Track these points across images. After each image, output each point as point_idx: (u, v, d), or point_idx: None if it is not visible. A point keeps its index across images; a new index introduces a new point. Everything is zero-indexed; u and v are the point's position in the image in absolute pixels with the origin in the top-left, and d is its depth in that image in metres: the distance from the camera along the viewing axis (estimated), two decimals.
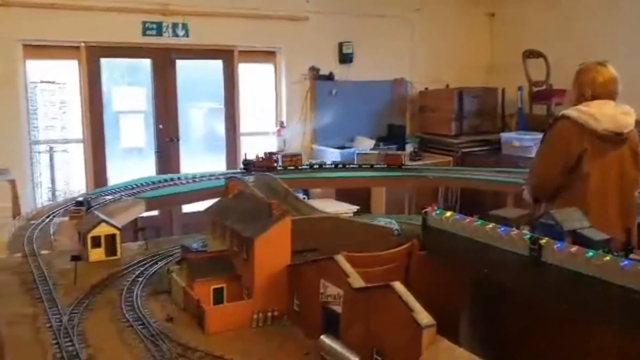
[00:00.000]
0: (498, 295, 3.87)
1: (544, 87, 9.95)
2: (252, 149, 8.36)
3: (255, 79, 10.26)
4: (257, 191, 3.89)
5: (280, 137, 9.90)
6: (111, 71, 9.18)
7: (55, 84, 8.48)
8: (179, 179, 7.23)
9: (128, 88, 9.68)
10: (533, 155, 8.94)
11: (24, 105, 8.26)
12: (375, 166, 7.52)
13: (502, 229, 4.13)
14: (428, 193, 7.65)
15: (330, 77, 9.93)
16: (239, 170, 7.20)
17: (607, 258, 3.28)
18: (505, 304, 3.82)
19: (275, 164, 7.15)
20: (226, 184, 3.46)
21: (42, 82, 8.37)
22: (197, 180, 7.16)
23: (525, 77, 10.15)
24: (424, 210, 4.89)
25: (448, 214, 4.67)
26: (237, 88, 9.74)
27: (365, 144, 9.58)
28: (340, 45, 10.09)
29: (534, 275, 3.66)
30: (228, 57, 9.63)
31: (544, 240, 3.72)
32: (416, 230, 4.20)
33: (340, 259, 2.61)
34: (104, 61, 8.85)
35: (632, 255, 2.95)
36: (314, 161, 7.68)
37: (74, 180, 9.08)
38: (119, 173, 8.85)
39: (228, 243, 3.25)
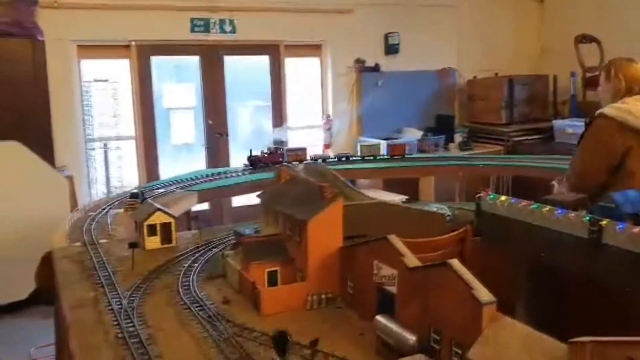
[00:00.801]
0: (555, 280, 3.77)
1: (597, 73, 9.61)
2: (299, 143, 8.43)
3: (301, 73, 10.28)
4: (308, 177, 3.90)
5: (326, 131, 9.90)
6: (161, 69, 9.36)
7: (107, 82, 8.70)
8: (228, 172, 7.38)
9: (177, 85, 9.86)
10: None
11: (78, 104, 8.52)
12: (422, 156, 7.47)
13: (559, 211, 4.01)
14: (478, 182, 7.51)
15: (376, 68, 9.87)
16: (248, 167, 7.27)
17: None
18: (562, 288, 3.72)
19: (281, 159, 7.15)
20: (278, 171, 3.48)
21: (95, 80, 8.60)
22: (245, 173, 7.28)
23: (578, 63, 9.84)
24: (477, 195, 4.80)
25: (502, 198, 4.57)
26: (284, 82, 9.79)
27: (412, 135, 9.49)
28: (386, 36, 10.02)
29: (594, 257, 3.55)
30: (274, 52, 9.70)
31: (604, 222, 3.60)
32: (469, 216, 4.13)
33: (394, 238, 2.59)
34: (154, 59, 9.03)
35: None
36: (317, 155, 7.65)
37: (127, 176, 9.33)
38: (170, 168, 9.03)
39: (281, 227, 3.28)
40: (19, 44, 7.57)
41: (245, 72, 10.25)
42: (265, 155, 7.17)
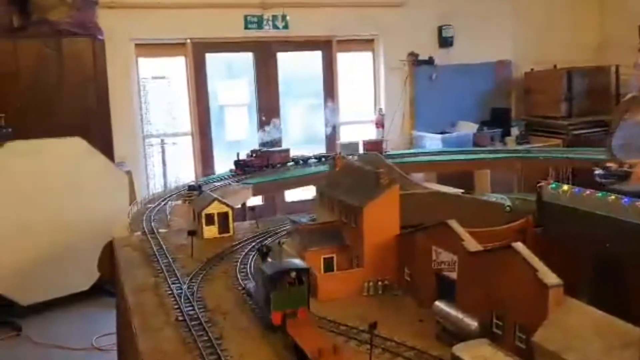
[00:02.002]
0: (621, 271, 3.63)
1: None
2: (351, 137, 8.37)
3: (354, 68, 10.25)
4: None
5: (379, 125, 9.84)
6: (215, 66, 9.50)
7: (164, 79, 8.90)
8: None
9: (231, 82, 9.98)
10: None
11: (137, 101, 8.74)
12: (477, 149, 7.31)
13: (625, 199, 3.84)
14: (537, 175, 7.29)
15: (429, 61, 9.74)
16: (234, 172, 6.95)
17: None
18: (628, 280, 3.58)
19: (268, 162, 6.94)
20: (334, 159, 3.48)
21: (153, 78, 8.80)
22: (299, 166, 7.35)
23: None
24: (538, 185, 4.64)
25: (565, 187, 4.40)
26: (336, 77, 9.78)
27: (467, 129, 9.32)
28: (440, 28, 9.88)
29: None
30: (327, 47, 9.70)
31: None
32: (530, 207, 4.01)
33: (454, 223, 2.54)
34: (208, 56, 9.17)
35: None
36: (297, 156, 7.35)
37: (183, 170, 9.51)
38: (224, 163, 9.15)
39: (337, 214, 3.27)
40: (81, 43, 7.84)
41: (297, 69, 10.29)
42: (252, 157, 6.80)
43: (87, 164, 7.17)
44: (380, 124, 9.76)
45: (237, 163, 6.79)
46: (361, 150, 7.08)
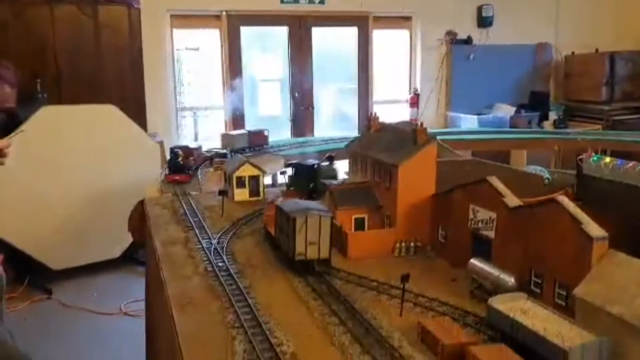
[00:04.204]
0: None
1: None
2: (385, 117, 8.20)
3: (390, 46, 10.10)
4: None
5: (414, 105, 9.69)
6: (250, 39, 9.46)
7: (198, 51, 8.88)
8: (311, 142, 7.42)
9: (265, 56, 9.93)
10: None
11: (170, 72, 8.75)
12: (514, 128, 7.12)
13: None
14: (574, 157, 7.09)
15: (468, 41, 9.54)
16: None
17: None
18: None
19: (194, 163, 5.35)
20: (369, 119, 3.40)
21: (187, 49, 8.79)
22: (329, 142, 7.27)
23: None
24: (579, 157, 4.49)
25: (607, 159, 4.25)
26: (372, 54, 9.65)
27: (504, 111, 9.11)
28: (480, 8, 9.65)
29: None
30: (363, 23, 9.57)
31: None
32: (569, 180, 3.87)
33: (494, 179, 2.45)
34: (243, 29, 9.12)
35: None
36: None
37: (215, 144, 9.49)
38: None
39: (370, 174, 3.19)
40: (117, 10, 7.86)
41: (332, 47, 10.18)
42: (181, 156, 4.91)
43: (120, 132, 7.22)
44: (415, 104, 9.60)
45: (171, 163, 4.88)
46: (243, 143, 6.27)
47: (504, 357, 1.67)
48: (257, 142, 6.41)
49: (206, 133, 9.53)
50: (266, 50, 10.00)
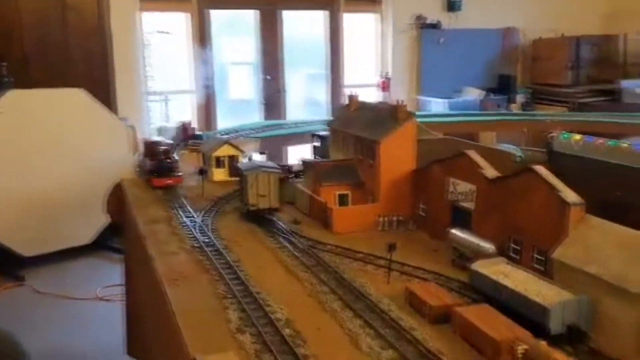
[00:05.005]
0: (634, 220, 3.64)
1: None
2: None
3: (360, 30, 10.15)
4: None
5: (385, 89, 9.79)
6: (220, 23, 9.39)
7: (168, 34, 8.79)
8: (284, 125, 7.47)
9: (236, 39, 9.88)
10: None
11: (140, 56, 8.64)
12: (482, 112, 7.27)
13: (638, 145, 3.84)
14: (542, 138, 7.28)
15: (437, 25, 9.65)
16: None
17: None
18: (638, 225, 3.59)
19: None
20: (349, 98, 3.46)
21: (158, 32, 8.69)
22: (302, 125, 7.34)
23: None
24: (549, 135, 4.63)
25: (577, 136, 4.39)
26: (342, 38, 9.69)
27: (473, 95, 9.28)
28: None
29: None
30: (333, 6, 9.58)
31: None
32: (540, 158, 4.01)
33: (472, 152, 2.54)
34: (213, 12, 9.05)
35: None
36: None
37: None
38: (227, 121, 9.12)
39: (352, 151, 3.26)
40: None
41: (303, 31, 10.18)
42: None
43: (89, 116, 7.11)
44: (385, 88, 9.69)
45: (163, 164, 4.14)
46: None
47: (489, 316, 1.76)
48: (185, 135, 6.25)
49: (177, 117, 9.43)
50: (237, 34, 9.95)
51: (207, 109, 9.11)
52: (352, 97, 3.34)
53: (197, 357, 1.54)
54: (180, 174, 3.93)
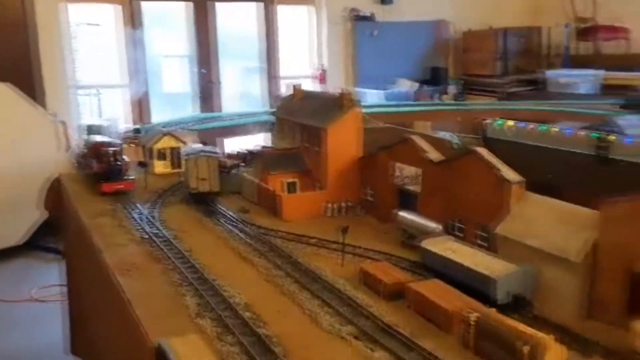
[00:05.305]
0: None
1: (590, 25, 9.68)
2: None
3: (295, 22, 10.18)
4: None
5: (321, 81, 9.87)
6: (152, 15, 9.20)
7: (97, 26, 8.54)
8: (221, 117, 7.44)
9: (168, 32, 9.71)
10: (582, 91, 8.80)
11: (67, 49, 8.35)
12: (417, 102, 7.47)
13: (568, 130, 4.07)
14: (475, 126, 7.56)
15: (370, 18, 9.79)
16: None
17: None
18: None
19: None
20: (294, 87, 3.50)
21: (87, 24, 8.42)
22: (240, 117, 7.33)
23: (571, 15, 9.87)
24: (484, 122, 4.82)
25: (510, 123, 4.60)
26: (276, 31, 9.69)
27: (407, 86, 9.50)
28: None
29: (602, 173, 3.63)
30: None
31: (612, 137, 3.68)
32: (475, 144, 4.18)
33: (416, 137, 2.64)
34: (144, 4, 8.85)
35: None
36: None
37: (120, 122, 9.19)
38: (162, 115, 8.96)
39: (298, 140, 3.31)
40: None
41: (238, 23, 10.11)
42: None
43: (15, 111, 6.82)
44: (321, 80, 9.78)
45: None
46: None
47: (440, 289, 1.86)
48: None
49: (110, 112, 9.20)
50: (169, 26, 9.77)
51: (141, 103, 8.92)
52: (296, 87, 3.38)
53: (161, 342, 1.55)
54: (132, 177, 3.61)
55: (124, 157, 3.61)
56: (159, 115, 8.93)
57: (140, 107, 9.01)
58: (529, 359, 1.39)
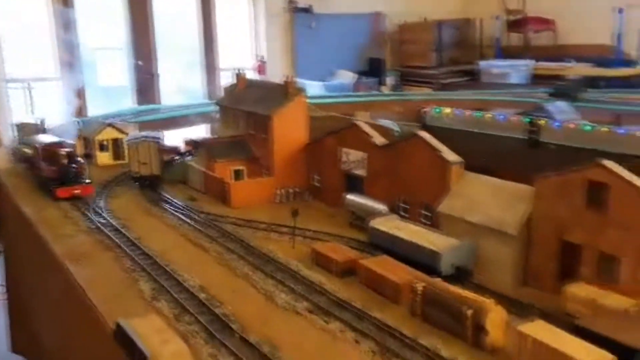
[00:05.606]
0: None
1: (520, 17, 10.07)
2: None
3: (234, 13, 10.11)
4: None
5: (260, 72, 9.85)
6: (85, 6, 8.92)
7: (24, 15, 8.20)
8: (160, 109, 7.31)
9: (103, 25, 9.44)
10: (513, 81, 9.18)
11: None
12: (358, 93, 7.59)
13: (502, 116, 4.27)
14: (413, 116, 7.78)
15: (308, 10, 9.84)
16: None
17: (605, 129, 3.48)
18: None
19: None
20: (237, 76, 3.53)
21: (11, 13, 8.07)
22: (179, 109, 7.22)
23: (502, 7, 10.24)
24: (422, 110, 4.97)
25: (447, 110, 4.78)
26: (215, 22, 9.59)
27: (347, 78, 9.62)
28: None
29: (533, 155, 3.84)
30: None
31: (542, 121, 3.89)
32: (415, 131, 4.32)
33: (362, 123, 2.74)
34: None
35: None
36: None
37: (53, 118, 8.89)
38: (98, 108, 8.72)
39: (243, 127, 3.35)
40: None
41: (176, 14, 9.94)
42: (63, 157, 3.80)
43: None
44: (261, 71, 9.76)
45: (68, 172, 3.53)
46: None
47: (389, 265, 1.97)
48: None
49: (43, 107, 8.87)
50: (104, 19, 9.49)
51: (75, 97, 8.62)
52: (239, 76, 3.41)
53: (120, 322, 1.58)
54: (88, 181, 3.34)
55: (79, 158, 3.38)
56: (95, 109, 8.66)
57: (75, 99, 8.71)
58: (473, 321, 1.50)
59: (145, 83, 9.30)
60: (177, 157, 3.68)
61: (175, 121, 7.13)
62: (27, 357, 4.25)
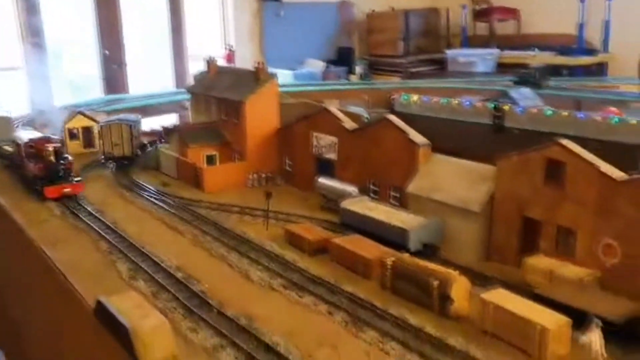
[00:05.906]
0: None
1: (485, 6, 10.25)
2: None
3: (203, 2, 10.05)
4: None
5: (229, 61, 9.83)
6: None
7: None
8: (127, 99, 7.27)
9: (69, 14, 9.29)
10: (480, 69, 9.35)
11: None
12: (327, 82, 7.65)
13: (467, 102, 4.39)
14: (381, 104, 7.90)
15: None
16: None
17: (565, 113, 3.63)
18: None
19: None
20: (208, 62, 3.56)
21: None
22: (147, 98, 7.19)
23: None
24: (391, 97, 5.07)
25: (415, 97, 4.87)
26: (183, 11, 9.52)
27: (315, 66, 9.66)
28: None
29: (498, 139, 3.96)
30: None
31: (506, 107, 4.01)
32: (384, 115, 4.39)
33: (332, 108, 2.81)
34: None
35: None
36: None
37: (17, 109, 8.74)
38: (65, 99, 8.60)
39: (215, 114, 3.40)
40: None
41: (143, 6, 9.84)
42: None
43: None
44: (230, 60, 9.74)
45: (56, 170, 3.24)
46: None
47: (360, 242, 2.05)
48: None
49: (9, 98, 8.70)
50: (70, 7, 9.34)
51: (41, 87, 8.48)
52: (210, 62, 3.45)
53: (100, 299, 1.63)
54: (79, 178, 3.15)
55: (67, 155, 3.20)
56: (62, 99, 8.53)
57: (41, 91, 8.57)
58: (439, 291, 1.60)
59: (113, 72, 9.19)
60: (156, 140, 3.71)
61: (146, 109, 7.10)
62: (3, 349, 4.21)
